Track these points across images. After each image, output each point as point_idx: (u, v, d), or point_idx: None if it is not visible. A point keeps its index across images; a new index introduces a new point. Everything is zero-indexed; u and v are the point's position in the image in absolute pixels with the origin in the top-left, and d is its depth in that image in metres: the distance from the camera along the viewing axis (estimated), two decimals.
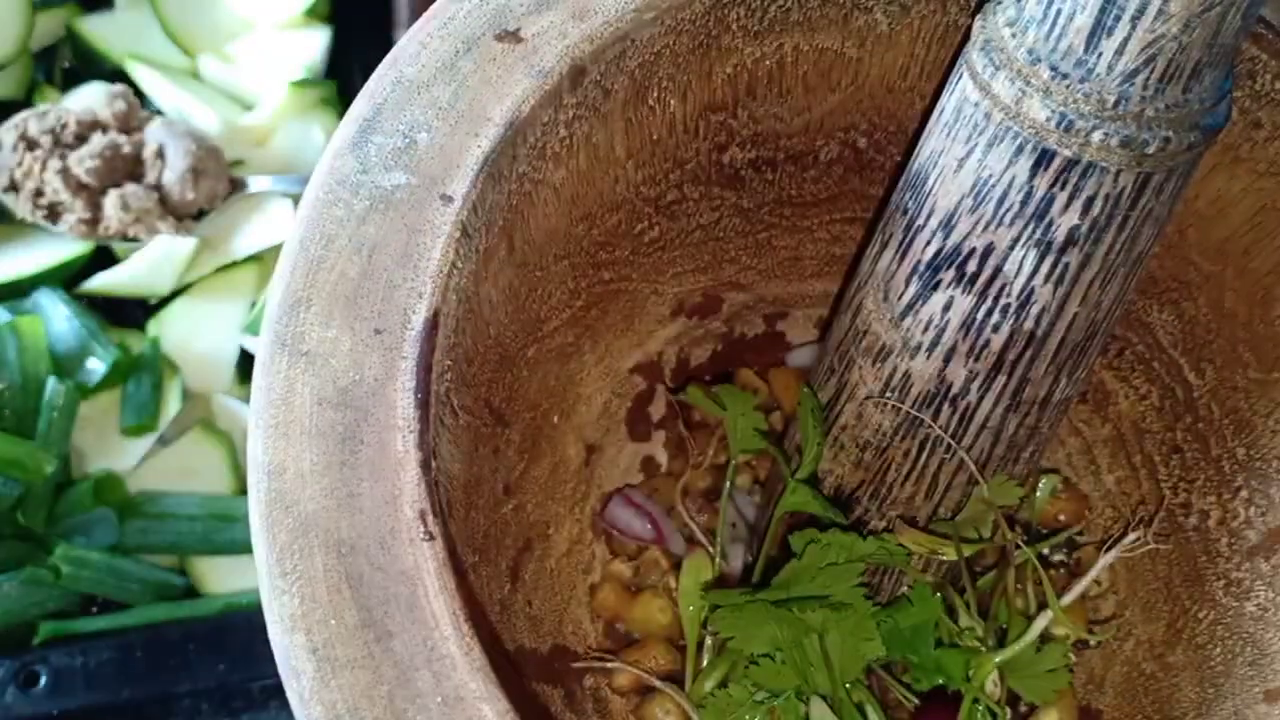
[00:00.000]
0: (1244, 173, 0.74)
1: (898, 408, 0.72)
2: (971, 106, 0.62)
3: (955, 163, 0.64)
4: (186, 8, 1.38)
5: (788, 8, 0.74)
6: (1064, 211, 0.61)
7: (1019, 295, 0.64)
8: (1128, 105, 0.56)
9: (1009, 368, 0.68)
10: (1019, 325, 0.66)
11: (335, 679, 0.52)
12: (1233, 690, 0.78)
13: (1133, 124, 0.57)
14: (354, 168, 0.64)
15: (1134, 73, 0.55)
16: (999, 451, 0.73)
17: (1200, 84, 0.56)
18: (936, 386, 0.70)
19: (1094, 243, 0.62)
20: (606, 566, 0.90)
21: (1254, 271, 0.77)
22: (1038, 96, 0.58)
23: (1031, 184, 0.60)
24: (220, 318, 1.23)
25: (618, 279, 0.85)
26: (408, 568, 0.54)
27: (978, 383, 0.69)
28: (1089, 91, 0.56)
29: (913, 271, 0.68)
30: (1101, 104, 0.56)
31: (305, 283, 0.61)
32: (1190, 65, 0.55)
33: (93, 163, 1.20)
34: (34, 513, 1.07)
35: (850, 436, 0.76)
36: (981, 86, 0.61)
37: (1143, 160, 0.58)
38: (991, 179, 0.62)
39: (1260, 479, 0.80)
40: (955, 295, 0.66)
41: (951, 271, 0.66)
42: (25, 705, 1.00)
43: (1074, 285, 0.64)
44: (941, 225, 0.65)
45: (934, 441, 0.73)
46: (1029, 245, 0.62)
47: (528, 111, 0.66)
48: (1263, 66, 0.70)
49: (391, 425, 0.57)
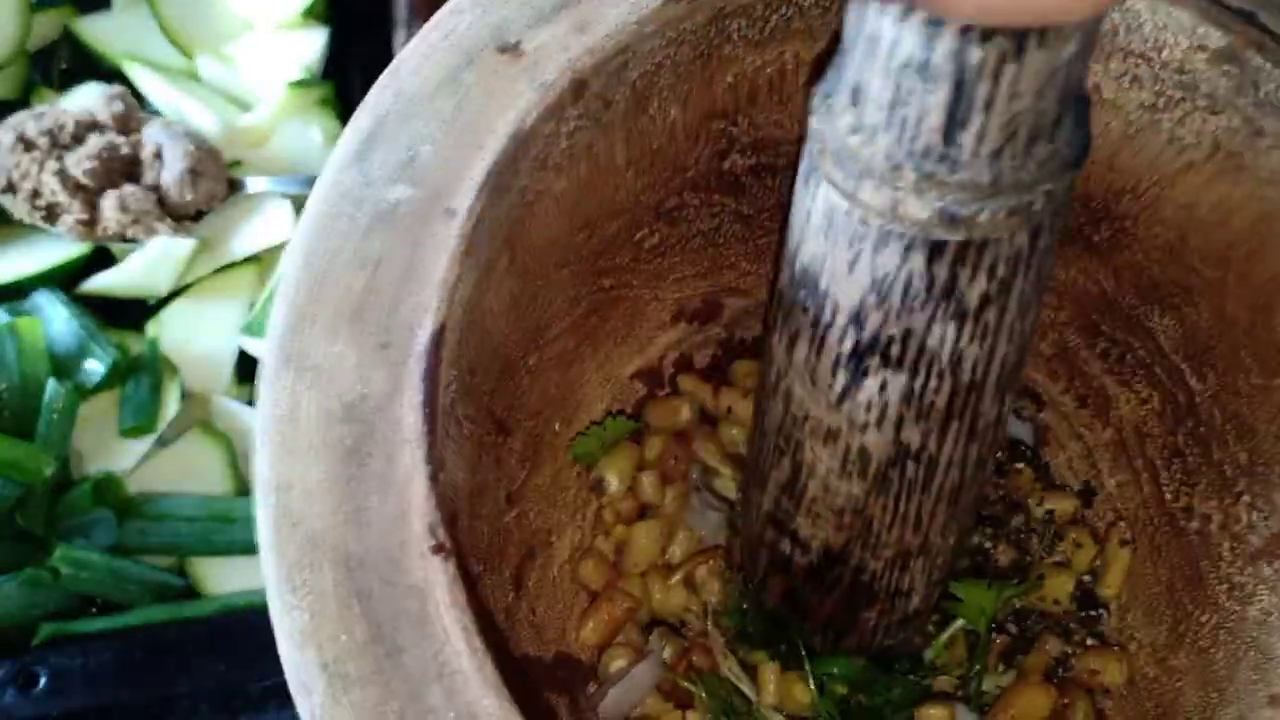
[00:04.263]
0: (1246, 180, 0.74)
1: (864, 476, 0.71)
2: (843, 215, 0.59)
3: (845, 266, 0.61)
4: (184, 8, 1.37)
5: (789, 17, 0.74)
6: (971, 283, 0.59)
7: (949, 360, 0.63)
8: (1003, 179, 0.54)
9: (959, 415, 0.67)
10: (958, 381, 0.65)
11: (346, 695, 0.52)
12: (1236, 695, 0.79)
13: (1013, 194, 0.55)
14: (357, 181, 0.64)
15: (999, 150, 0.54)
16: (969, 474, 0.72)
17: (1063, 128, 0.55)
18: (895, 451, 0.69)
19: (1005, 295, 0.61)
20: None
21: (1256, 278, 0.77)
22: (911, 198, 0.55)
23: (932, 271, 0.59)
24: (219, 318, 1.22)
25: (618, 286, 0.85)
26: (417, 582, 0.54)
27: (934, 436, 0.68)
28: (962, 180, 0.54)
29: (835, 363, 0.66)
30: (978, 188, 0.54)
31: (309, 298, 0.61)
32: (1051, 120, 0.54)
33: (90, 164, 1.20)
34: (33, 514, 1.07)
35: (824, 506, 0.75)
36: (847, 195, 0.58)
37: (1031, 216, 0.57)
38: (889, 276, 0.60)
39: (1262, 484, 0.80)
40: (887, 376, 0.65)
41: (876, 358, 0.64)
42: (25, 706, 1.00)
43: (998, 334, 0.63)
44: (851, 321, 0.63)
45: (908, 491, 0.72)
46: (946, 320, 0.61)
47: (530, 124, 0.66)
48: (1266, 75, 0.70)
49: (398, 439, 0.57)
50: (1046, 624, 0.93)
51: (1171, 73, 0.73)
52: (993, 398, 0.67)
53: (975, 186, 0.54)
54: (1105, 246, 0.84)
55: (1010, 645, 0.92)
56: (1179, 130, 0.75)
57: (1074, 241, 0.85)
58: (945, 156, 0.54)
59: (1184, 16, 0.71)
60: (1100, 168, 0.79)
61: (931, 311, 0.61)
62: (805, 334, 0.67)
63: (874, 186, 0.56)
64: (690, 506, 0.93)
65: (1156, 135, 0.76)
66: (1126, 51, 0.73)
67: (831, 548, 0.78)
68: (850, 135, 0.57)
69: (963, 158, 0.54)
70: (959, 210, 0.55)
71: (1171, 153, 0.76)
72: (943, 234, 0.57)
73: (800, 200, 0.64)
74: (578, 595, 0.88)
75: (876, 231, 0.58)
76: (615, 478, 0.90)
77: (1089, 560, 0.94)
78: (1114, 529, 0.93)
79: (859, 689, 0.86)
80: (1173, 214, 0.79)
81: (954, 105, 0.52)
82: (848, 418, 0.68)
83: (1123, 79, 0.75)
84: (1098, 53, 0.74)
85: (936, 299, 0.60)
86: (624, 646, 0.87)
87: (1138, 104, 0.75)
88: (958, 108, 0.52)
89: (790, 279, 0.67)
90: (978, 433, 0.69)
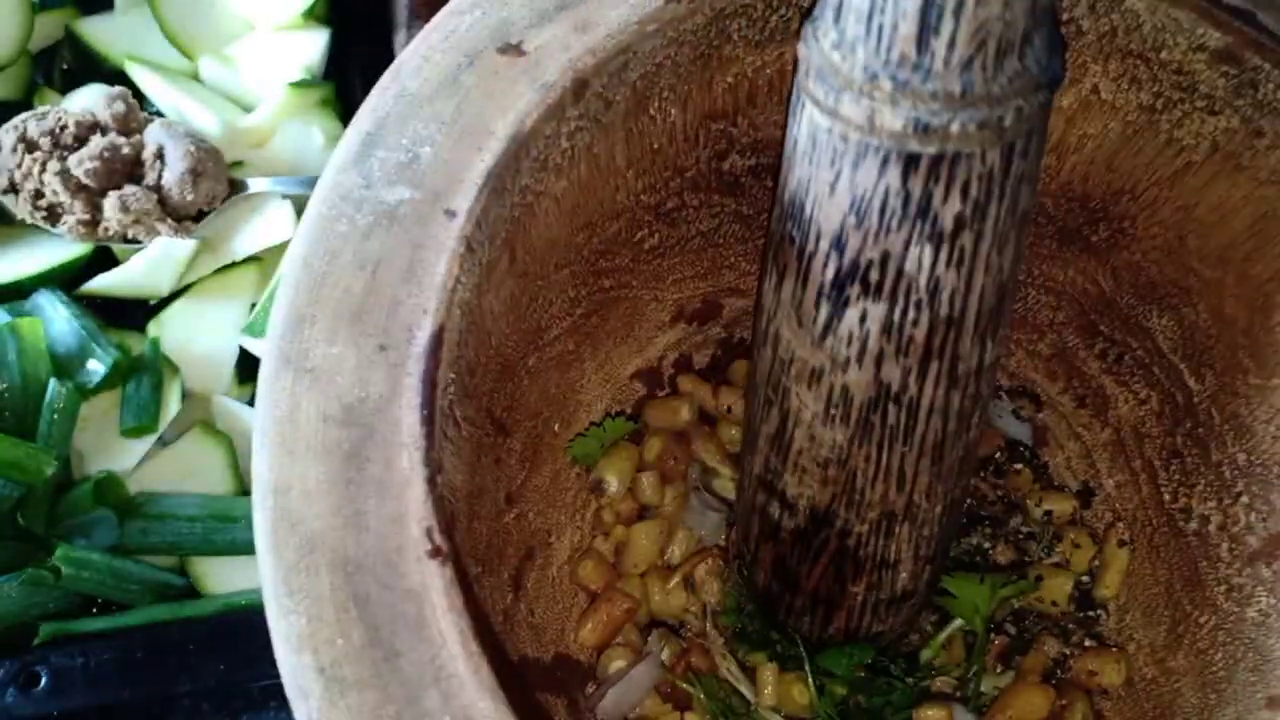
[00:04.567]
0: (1245, 180, 0.74)
1: (846, 421, 0.72)
2: (825, 133, 0.62)
3: (827, 187, 0.63)
4: (186, 10, 1.37)
5: (789, 18, 0.74)
6: (945, 202, 0.61)
7: (926, 288, 0.64)
8: (974, 91, 0.57)
9: (938, 353, 0.68)
10: (936, 314, 0.66)
11: (343, 699, 0.52)
12: (1235, 696, 0.79)
13: (984, 106, 0.57)
14: (357, 183, 0.64)
15: (970, 60, 0.56)
16: (951, 427, 0.73)
17: (1033, 47, 0.57)
18: (877, 391, 0.70)
19: (980, 219, 0.62)
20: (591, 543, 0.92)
21: (1254, 278, 0.77)
22: (887, 108, 0.58)
23: (907, 188, 0.60)
24: (220, 319, 1.22)
25: (618, 286, 0.85)
26: (415, 586, 0.54)
27: (914, 376, 0.69)
28: (934, 90, 0.57)
29: (819, 294, 0.68)
30: (950, 97, 0.57)
31: (309, 299, 0.61)
32: (1019, 35, 0.56)
33: (92, 164, 1.20)
34: (34, 514, 1.07)
35: (809, 459, 0.76)
36: (828, 112, 0.61)
37: (1003, 133, 0.58)
38: (867, 194, 0.62)
39: (1261, 484, 0.80)
40: (867, 306, 0.66)
41: (856, 286, 0.65)
42: (26, 706, 1.00)
43: (975, 261, 0.64)
44: (833, 246, 0.65)
45: (890, 439, 0.73)
46: (922, 242, 0.62)
47: (531, 125, 0.66)
48: (1265, 76, 0.70)
49: (397, 442, 0.57)
50: (1045, 625, 0.93)
51: (1170, 73, 0.73)
52: (972, 338, 0.68)
53: (947, 96, 0.57)
54: (1104, 247, 0.84)
55: (1008, 646, 0.92)
56: (1178, 131, 0.75)
57: (1073, 242, 0.85)
58: (918, 66, 0.56)
59: (1183, 17, 0.71)
60: (1099, 168, 0.80)
61: (908, 233, 0.62)
62: (792, 267, 0.69)
63: (852, 99, 0.59)
64: (689, 507, 0.93)
65: (1155, 136, 0.76)
66: (1125, 52, 0.73)
67: (817, 507, 0.78)
68: (833, 51, 0.59)
69: (935, 67, 0.56)
70: (931, 120, 0.57)
71: (1170, 153, 0.76)
72: (916, 146, 0.58)
73: (789, 130, 0.67)
74: (576, 596, 0.89)
75: (855, 147, 0.60)
76: (615, 478, 0.90)
77: (1087, 561, 0.94)
78: (1112, 530, 0.94)
79: (857, 689, 0.86)
80: (1171, 214, 0.79)
81: (925, 10, 0.54)
82: (830, 355, 0.69)
83: (1121, 80, 0.75)
84: (1097, 53, 0.74)
85: (913, 218, 0.62)
86: (623, 647, 0.87)
87: (1136, 105, 0.76)
88: (929, 13, 0.54)
89: (780, 214, 0.69)
90: (958, 377, 0.70)
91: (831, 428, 0.73)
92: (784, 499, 0.79)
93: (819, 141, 0.62)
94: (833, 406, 0.72)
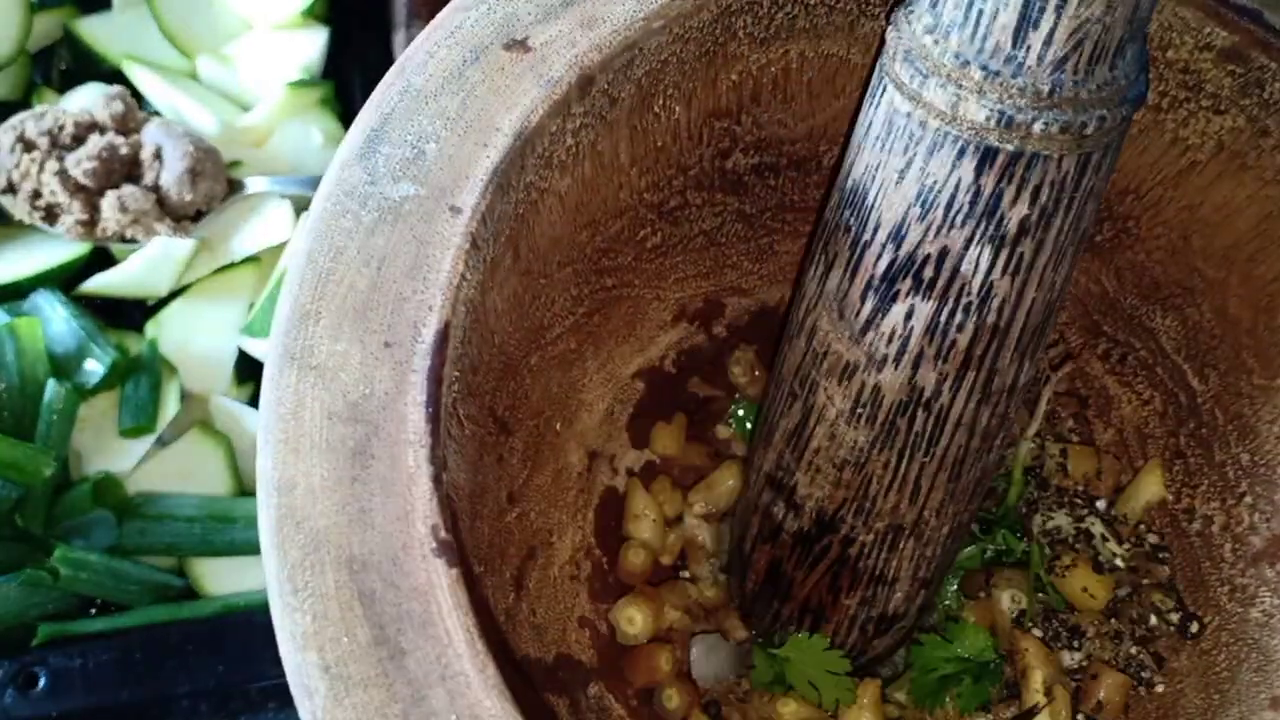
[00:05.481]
0: (1250, 180, 0.74)
1: (872, 422, 0.72)
2: (903, 117, 0.62)
3: (896, 175, 0.63)
4: (184, 9, 1.37)
5: (794, 15, 0.74)
6: (1014, 204, 0.61)
7: (979, 292, 0.64)
8: (1062, 92, 0.57)
9: (977, 363, 0.68)
10: (982, 320, 0.65)
11: (349, 698, 0.51)
12: (1238, 696, 0.78)
13: (1069, 109, 0.57)
14: (362, 179, 0.63)
15: (1064, 59, 0.56)
16: (975, 444, 0.73)
17: (1124, 59, 0.57)
18: (909, 394, 0.70)
19: (1044, 229, 0.62)
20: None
21: (1259, 278, 0.77)
22: (973, 98, 0.58)
23: (979, 183, 0.60)
24: (218, 319, 1.22)
25: (620, 285, 0.85)
26: (420, 584, 0.54)
27: (949, 383, 0.69)
28: (1023, 85, 0.57)
29: (867, 287, 0.67)
30: (1037, 95, 0.57)
31: (314, 295, 0.60)
32: (1115, 43, 0.56)
33: (90, 164, 1.19)
34: (33, 514, 1.07)
35: (826, 458, 0.76)
36: (911, 96, 0.61)
37: (1082, 142, 0.58)
38: (937, 185, 0.62)
39: (1265, 485, 0.80)
40: (915, 303, 0.66)
41: (908, 280, 0.65)
42: (24, 707, 0.99)
43: (1030, 272, 0.64)
44: (891, 237, 0.65)
45: (912, 447, 0.72)
46: (983, 242, 0.62)
47: (536, 121, 0.66)
48: (1271, 75, 0.70)
49: (402, 440, 0.57)
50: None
51: (1176, 72, 0.73)
52: (1013, 353, 0.68)
53: (1035, 93, 0.57)
54: (1108, 246, 0.84)
55: None
56: (1183, 130, 0.75)
57: None
58: (1011, 58, 0.56)
59: (1190, 15, 0.71)
60: None
61: (970, 231, 0.62)
62: (843, 257, 0.68)
63: (939, 84, 0.59)
64: None
65: (1160, 135, 0.76)
66: None
67: (825, 511, 0.78)
68: (925, 35, 0.59)
69: (1028, 61, 0.56)
70: (1015, 115, 0.57)
71: (1175, 153, 0.76)
72: (995, 140, 0.58)
73: (863, 115, 0.66)
74: (578, 596, 0.88)
75: (932, 135, 0.60)
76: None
77: None
78: None
79: None
80: (1176, 214, 0.79)
81: (1028, 2, 0.54)
82: (867, 351, 0.69)
83: None
84: None
85: (979, 216, 0.61)
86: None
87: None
88: (1031, 6, 0.54)
89: (838, 201, 0.69)
90: (991, 392, 0.69)
91: (855, 428, 0.73)
92: (791, 499, 0.79)
93: (895, 126, 0.62)
94: (860, 405, 0.71)
